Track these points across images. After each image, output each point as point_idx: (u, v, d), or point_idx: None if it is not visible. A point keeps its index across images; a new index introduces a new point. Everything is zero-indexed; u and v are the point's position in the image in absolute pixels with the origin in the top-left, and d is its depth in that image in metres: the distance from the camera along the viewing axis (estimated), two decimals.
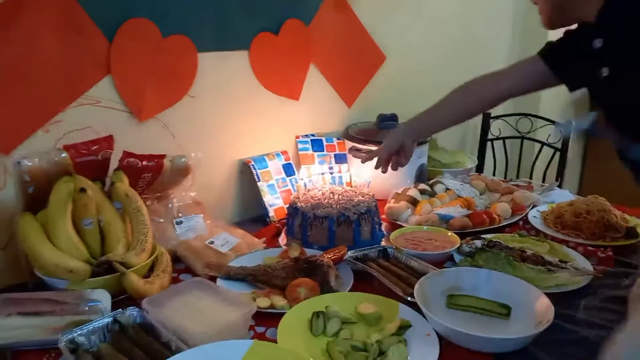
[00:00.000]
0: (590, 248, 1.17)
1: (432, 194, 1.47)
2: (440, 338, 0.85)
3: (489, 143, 2.13)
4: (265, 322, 0.93)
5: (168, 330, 0.83)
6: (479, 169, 2.07)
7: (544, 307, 0.88)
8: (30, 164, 0.97)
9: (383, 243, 1.24)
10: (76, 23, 1.07)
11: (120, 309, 0.88)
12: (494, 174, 2.16)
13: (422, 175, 1.58)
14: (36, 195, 0.99)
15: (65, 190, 0.96)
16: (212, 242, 1.19)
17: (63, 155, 1.01)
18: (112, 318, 0.86)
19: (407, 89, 1.77)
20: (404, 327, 0.88)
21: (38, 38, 1.03)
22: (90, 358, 0.79)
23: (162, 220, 1.20)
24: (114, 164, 1.10)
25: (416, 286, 0.94)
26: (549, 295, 0.92)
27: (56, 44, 1.06)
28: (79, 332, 0.82)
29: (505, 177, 2.05)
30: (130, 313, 0.88)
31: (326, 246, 1.20)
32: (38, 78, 1.05)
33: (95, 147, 1.05)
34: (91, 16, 1.09)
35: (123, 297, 0.96)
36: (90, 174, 1.05)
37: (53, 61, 1.06)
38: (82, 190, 0.97)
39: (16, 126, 1.04)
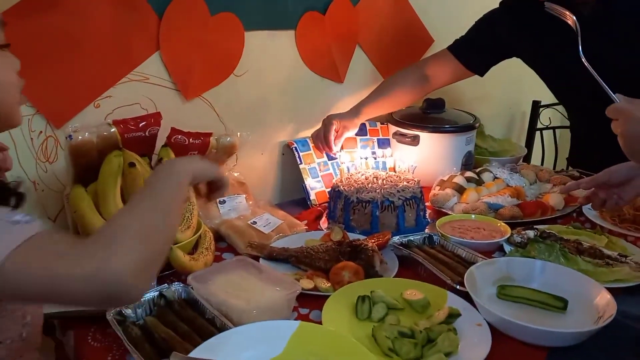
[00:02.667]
0: None
1: (480, 182, 1.41)
2: (492, 329, 0.82)
3: (537, 132, 2.04)
4: (308, 303, 0.91)
5: (213, 307, 0.83)
6: (527, 159, 1.99)
7: (604, 301, 0.83)
8: (80, 137, 0.98)
9: (427, 230, 1.21)
10: None
11: (165, 284, 0.89)
12: (542, 165, 2.07)
13: (468, 163, 1.52)
14: (86, 169, 1.00)
15: (115, 163, 0.97)
16: (254, 222, 1.18)
17: (112, 130, 1.01)
18: (158, 292, 0.87)
19: None
20: (453, 316, 0.84)
21: (92, 11, 1.04)
22: (136, 330, 0.80)
23: None
24: (160, 140, 1.10)
25: (466, 274, 0.91)
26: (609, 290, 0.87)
27: (109, 18, 1.06)
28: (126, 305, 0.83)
29: (554, 169, 1.96)
30: (175, 288, 0.89)
31: (369, 231, 1.18)
32: (91, 52, 1.06)
33: (144, 124, 1.06)
34: None
35: (168, 273, 0.97)
36: (138, 149, 1.05)
37: (106, 35, 1.07)
38: (132, 164, 0.97)
39: (68, 100, 1.06)
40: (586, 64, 0.81)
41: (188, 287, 0.89)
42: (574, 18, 0.88)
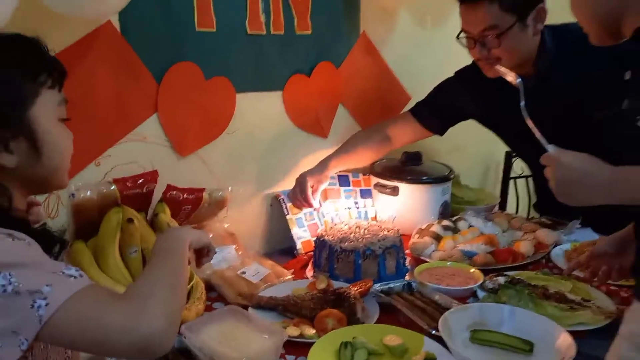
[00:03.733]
0: (613, 288, 1.19)
1: (456, 230, 1.51)
2: None
3: (511, 181, 2.16)
4: (294, 350, 0.97)
5: (205, 356, 0.89)
6: (502, 206, 2.10)
7: (566, 344, 0.91)
8: (82, 195, 1.06)
9: (407, 277, 1.28)
10: (130, 66, 1.18)
11: None
12: (516, 212, 2.18)
13: (445, 212, 1.62)
14: (86, 225, 1.07)
15: (115, 220, 1.04)
16: (243, 272, 1.25)
17: (112, 187, 1.09)
18: None
19: None
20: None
21: (96, 79, 1.14)
22: None
23: None
24: (156, 194, 1.18)
25: (441, 320, 0.98)
26: (571, 333, 0.94)
27: (112, 85, 1.16)
28: None
29: (528, 216, 2.07)
30: None
31: (352, 279, 1.25)
32: (94, 115, 1.15)
33: (141, 181, 1.14)
34: (143, 60, 1.20)
35: None
36: (135, 205, 1.13)
37: (108, 99, 1.17)
38: (130, 220, 1.05)
39: (71, 160, 1.14)
40: (525, 117, 0.93)
41: (181, 336, 0.94)
42: (519, 78, 1.01)
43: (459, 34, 1.34)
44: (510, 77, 1.01)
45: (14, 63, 0.68)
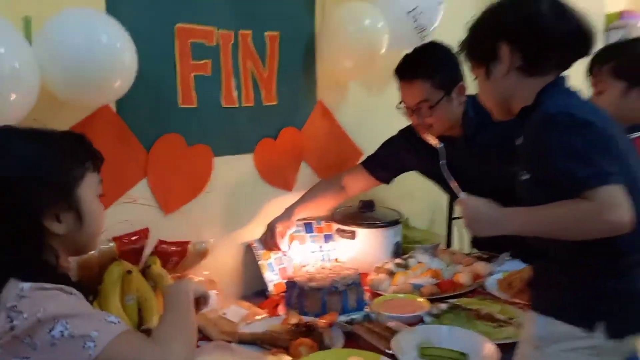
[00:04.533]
0: None
1: (407, 267, 1.75)
2: None
3: (454, 221, 2.45)
4: None
5: None
6: (448, 244, 2.38)
7: (491, 353, 1.15)
8: (85, 255, 1.23)
9: (367, 309, 1.50)
10: (124, 139, 1.38)
11: None
12: (459, 249, 2.45)
13: (397, 251, 1.86)
14: (88, 278, 1.24)
15: (116, 273, 1.22)
16: (224, 313, 1.43)
17: (111, 244, 1.27)
18: None
19: None
20: None
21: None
22: None
23: None
24: (148, 248, 1.36)
25: (393, 340, 1.20)
26: (499, 345, 1.18)
27: (108, 155, 1.32)
28: None
29: (468, 251, 2.35)
30: None
31: (320, 313, 1.44)
32: None
33: (135, 238, 1.32)
34: (135, 133, 1.41)
35: None
36: (130, 259, 1.31)
37: (105, 168, 1.35)
38: (129, 272, 1.23)
39: None
40: (444, 171, 1.20)
41: None
42: (441, 143, 1.29)
43: (399, 103, 1.63)
44: (434, 142, 1.30)
45: (67, 153, 0.87)
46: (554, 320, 0.94)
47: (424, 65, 1.54)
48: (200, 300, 1.06)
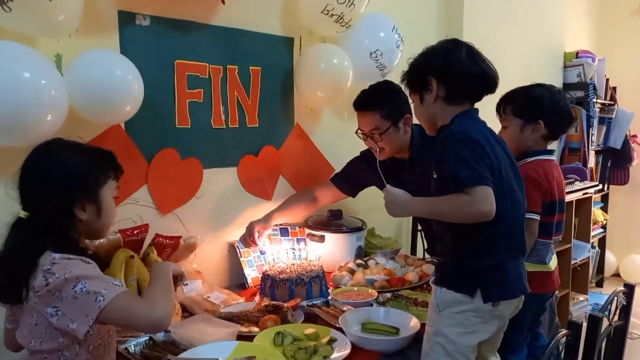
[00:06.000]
0: None
1: (366, 267, 2.05)
2: (355, 346, 1.39)
3: (419, 233, 2.76)
4: (246, 339, 1.45)
5: (186, 342, 1.35)
6: (413, 252, 2.69)
7: (416, 325, 1.45)
8: (96, 242, 1.53)
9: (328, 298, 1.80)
10: (129, 152, 1.69)
11: None
12: (424, 254, 2.74)
13: (360, 254, 2.17)
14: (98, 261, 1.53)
15: (122, 257, 1.51)
16: (208, 297, 1.72)
17: (118, 235, 1.57)
18: (148, 336, 1.39)
19: None
20: (332, 341, 1.42)
21: None
22: (138, 356, 1.30)
23: None
24: (147, 241, 1.67)
25: (340, 317, 1.50)
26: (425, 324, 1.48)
27: None
28: (133, 343, 1.34)
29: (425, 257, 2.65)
30: (159, 333, 1.40)
31: (287, 300, 1.74)
32: None
33: (137, 231, 1.63)
34: (139, 147, 1.73)
35: None
36: (132, 248, 1.60)
37: None
38: (132, 257, 1.53)
39: None
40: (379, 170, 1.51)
41: (167, 333, 1.41)
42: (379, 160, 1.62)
43: (357, 130, 1.95)
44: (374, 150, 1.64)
45: (98, 164, 1.18)
46: (446, 289, 1.25)
47: (374, 100, 1.88)
48: (177, 277, 1.35)
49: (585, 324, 1.47)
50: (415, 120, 1.93)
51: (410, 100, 1.44)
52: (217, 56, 1.89)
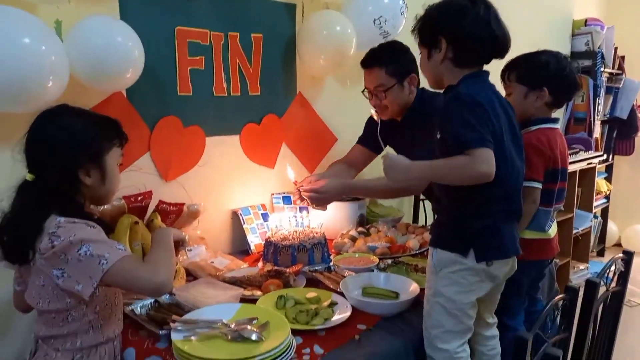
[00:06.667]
0: None
1: (368, 234, 2.07)
2: (354, 309, 1.43)
3: (421, 202, 2.77)
4: (249, 302, 1.48)
5: (190, 304, 1.39)
6: (415, 219, 2.71)
7: (415, 290, 1.48)
8: (101, 209, 1.55)
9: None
10: (132, 119, 1.70)
11: None
12: (425, 222, 2.77)
13: (361, 222, 2.19)
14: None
15: (126, 222, 1.54)
16: (212, 262, 1.76)
17: (122, 202, 1.59)
18: (154, 299, 1.42)
19: None
20: (332, 304, 1.45)
21: None
22: (144, 317, 1.34)
23: None
24: (150, 207, 1.69)
25: (342, 282, 1.53)
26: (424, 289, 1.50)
27: None
28: (139, 305, 1.38)
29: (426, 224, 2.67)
30: (164, 296, 1.44)
31: (290, 265, 1.78)
32: None
33: (141, 197, 1.65)
34: (141, 115, 1.73)
35: None
36: (136, 214, 1.63)
37: None
38: (136, 222, 1.55)
39: None
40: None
41: (172, 295, 1.44)
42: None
43: (363, 90, 1.94)
44: (375, 117, 1.63)
45: (103, 130, 1.19)
46: (442, 250, 1.27)
47: (381, 57, 1.86)
48: (179, 243, 1.39)
49: (582, 290, 1.50)
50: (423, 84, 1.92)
51: (418, 53, 1.40)
52: (218, 23, 1.87)
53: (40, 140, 1.15)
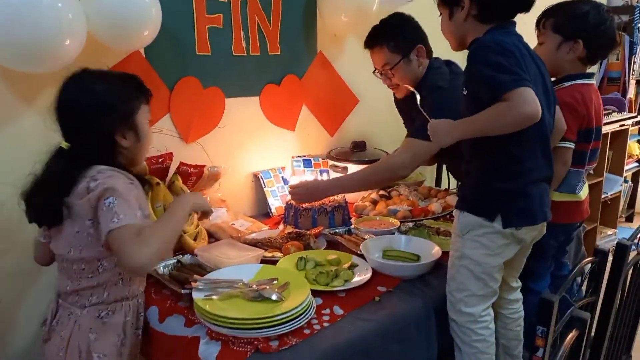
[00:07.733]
0: None
1: (389, 198, 2.05)
2: (375, 271, 1.42)
3: (444, 166, 2.71)
4: (271, 263, 1.49)
5: (211, 265, 1.40)
6: (438, 183, 2.67)
7: (437, 253, 1.46)
8: None
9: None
10: (150, 80, 1.67)
11: (180, 254, 1.46)
12: (448, 186, 2.72)
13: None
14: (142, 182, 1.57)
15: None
16: (233, 224, 1.76)
17: (143, 163, 1.60)
18: (176, 259, 1.44)
19: (374, 123, 2.39)
20: (353, 266, 1.44)
21: None
22: (167, 276, 1.36)
23: None
24: (172, 169, 1.69)
25: (362, 245, 1.51)
26: (446, 253, 1.48)
27: None
28: (162, 265, 1.39)
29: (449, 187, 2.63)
30: (186, 257, 1.46)
31: (310, 228, 1.77)
32: None
33: (162, 159, 1.64)
34: (160, 75, 1.71)
35: (180, 253, 1.53)
36: (158, 175, 1.63)
37: None
38: (158, 184, 1.55)
39: None
40: (421, 109, 1.42)
41: (194, 256, 1.46)
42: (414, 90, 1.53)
43: (374, 71, 1.86)
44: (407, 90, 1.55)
45: (128, 89, 1.19)
46: (468, 214, 1.23)
47: (381, 35, 1.77)
48: (203, 214, 1.37)
49: (611, 254, 1.46)
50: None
51: (438, 14, 1.33)
52: None
53: (72, 109, 1.15)
